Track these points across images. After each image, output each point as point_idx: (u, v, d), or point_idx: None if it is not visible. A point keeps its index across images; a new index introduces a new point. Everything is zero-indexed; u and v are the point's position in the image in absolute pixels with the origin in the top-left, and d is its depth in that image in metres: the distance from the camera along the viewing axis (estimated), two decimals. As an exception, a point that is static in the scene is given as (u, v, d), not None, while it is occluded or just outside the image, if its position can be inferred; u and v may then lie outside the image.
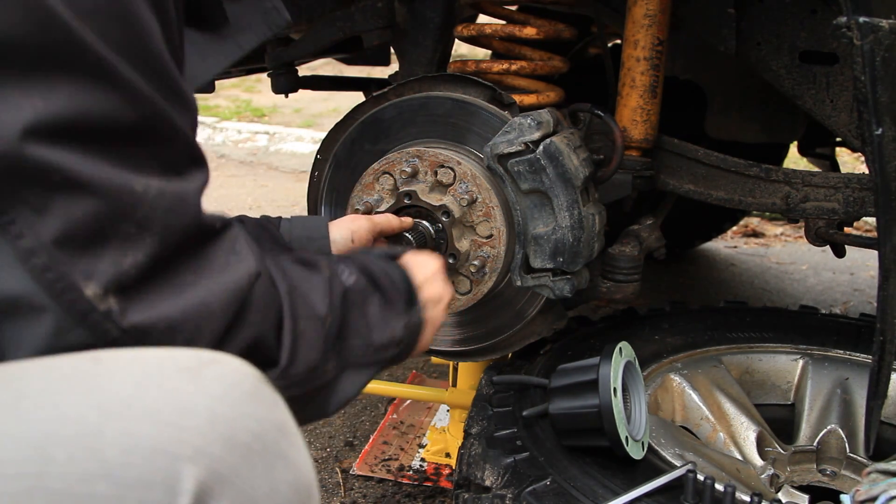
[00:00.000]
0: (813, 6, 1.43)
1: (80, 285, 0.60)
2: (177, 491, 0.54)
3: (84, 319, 0.61)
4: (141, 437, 0.55)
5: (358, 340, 0.84)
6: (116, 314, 0.62)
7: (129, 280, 0.62)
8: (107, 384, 0.58)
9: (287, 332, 0.77)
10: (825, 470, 1.42)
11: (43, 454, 0.53)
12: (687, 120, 2.08)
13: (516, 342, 1.49)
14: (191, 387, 0.59)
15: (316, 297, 0.82)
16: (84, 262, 0.61)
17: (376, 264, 0.95)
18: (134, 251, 0.63)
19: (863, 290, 3.23)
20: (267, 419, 0.62)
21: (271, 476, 0.60)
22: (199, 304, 0.67)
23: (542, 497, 1.10)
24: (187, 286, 0.67)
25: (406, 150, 1.33)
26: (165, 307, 0.65)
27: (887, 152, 1.11)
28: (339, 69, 2.88)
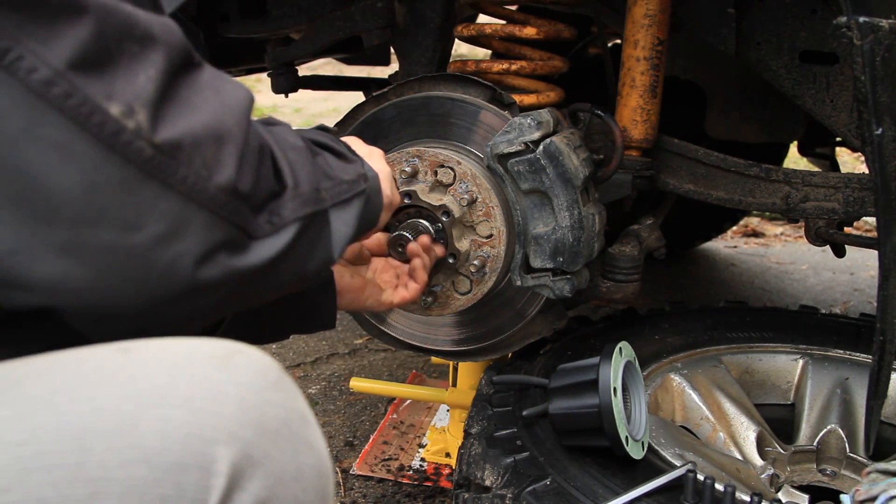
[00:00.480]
0: (813, 6, 1.43)
1: (104, 106, 0.59)
2: (212, 472, 0.57)
3: (116, 142, 0.60)
4: (176, 423, 0.57)
5: (329, 182, 0.85)
6: (146, 131, 0.61)
7: (148, 96, 0.62)
8: (139, 375, 0.59)
9: (281, 160, 0.77)
10: (825, 470, 1.42)
11: (82, 445, 0.55)
12: (687, 120, 2.08)
13: (516, 342, 1.49)
14: (221, 375, 0.61)
15: (289, 136, 0.83)
16: (101, 83, 0.60)
17: (311, 132, 0.96)
18: (145, 68, 0.62)
19: (863, 290, 3.23)
20: (291, 407, 0.65)
21: (297, 459, 0.63)
22: (217, 119, 0.67)
23: (542, 497, 1.10)
24: (199, 104, 0.66)
25: (406, 150, 1.33)
26: (187, 122, 0.64)
27: (887, 152, 1.11)
28: (339, 69, 2.87)
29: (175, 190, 0.63)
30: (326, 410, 2.17)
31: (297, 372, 2.41)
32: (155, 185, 0.62)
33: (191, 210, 0.65)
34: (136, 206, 0.62)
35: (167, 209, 0.63)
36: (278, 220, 0.74)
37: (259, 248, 0.71)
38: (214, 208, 0.66)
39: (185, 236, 0.65)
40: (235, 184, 0.68)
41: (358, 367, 2.46)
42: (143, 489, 0.55)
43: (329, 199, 0.83)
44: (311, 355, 2.51)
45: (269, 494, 0.60)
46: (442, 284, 1.34)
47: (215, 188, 0.66)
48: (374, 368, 2.45)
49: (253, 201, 0.71)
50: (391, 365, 2.47)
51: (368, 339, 2.58)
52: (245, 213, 0.69)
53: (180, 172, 0.63)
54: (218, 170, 0.66)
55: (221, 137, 0.67)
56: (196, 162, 0.64)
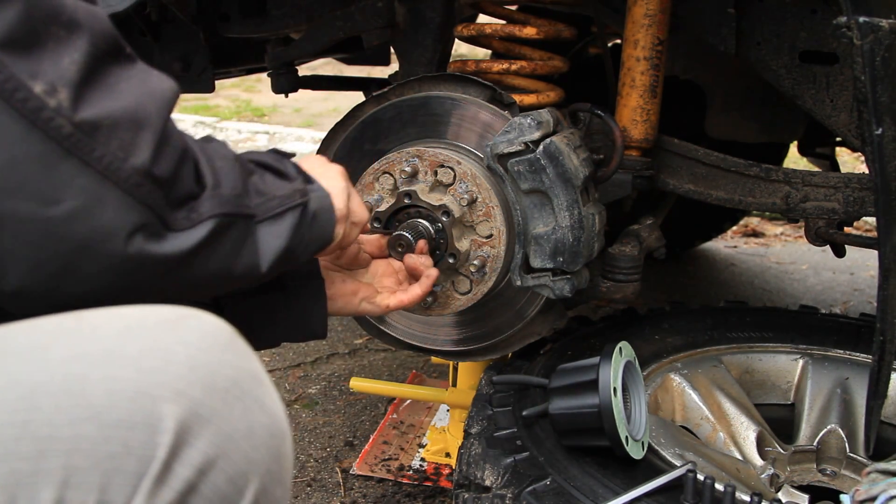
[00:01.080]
0: (813, 6, 1.43)
1: (28, 84, 0.63)
2: (159, 429, 0.58)
3: (37, 118, 0.63)
4: (124, 381, 0.59)
5: (261, 198, 0.86)
6: (66, 109, 0.64)
7: (71, 77, 0.65)
8: (90, 337, 0.61)
9: (204, 165, 0.80)
10: (825, 470, 1.42)
11: (30, 403, 0.56)
12: (687, 120, 2.08)
13: (516, 342, 1.49)
14: (171, 336, 0.63)
15: (221, 149, 0.86)
16: (27, 62, 0.63)
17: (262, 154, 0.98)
18: (69, 51, 0.66)
19: (863, 290, 3.23)
20: (243, 368, 0.66)
21: (248, 418, 0.64)
22: (137, 104, 0.70)
23: (542, 497, 1.10)
24: (123, 90, 0.70)
25: (406, 150, 1.33)
26: (108, 105, 0.68)
27: (887, 152, 1.11)
28: (339, 69, 2.88)
29: (92, 168, 0.66)
30: (326, 410, 2.18)
31: (297, 372, 2.41)
32: (73, 162, 0.65)
33: (106, 188, 0.67)
34: (53, 181, 0.65)
35: (83, 185, 0.66)
36: (195, 216, 0.76)
37: (174, 239, 0.74)
38: (128, 188, 0.69)
39: (100, 213, 0.67)
40: (150, 168, 0.70)
41: (358, 367, 2.46)
42: (91, 446, 0.56)
43: (258, 213, 0.85)
44: (311, 355, 2.51)
45: (217, 452, 0.61)
46: (442, 284, 1.34)
47: (130, 169, 0.68)
48: (374, 368, 2.45)
49: (171, 193, 0.74)
50: (391, 365, 2.47)
51: (368, 339, 2.58)
52: (160, 200, 0.72)
53: (97, 151, 0.66)
54: (134, 152, 0.69)
55: (140, 123, 0.70)
56: (113, 143, 0.67)
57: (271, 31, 1.73)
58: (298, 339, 1.12)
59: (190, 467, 0.59)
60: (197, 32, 1.79)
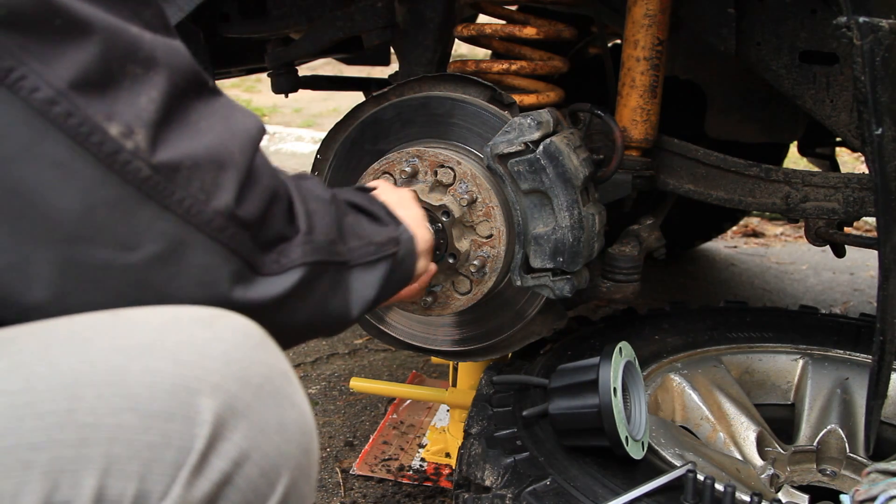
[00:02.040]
0: (813, 6, 1.43)
1: (104, 126, 0.61)
2: (196, 422, 0.59)
3: (114, 161, 0.61)
4: (163, 374, 0.60)
5: (357, 241, 0.85)
6: (144, 151, 0.62)
7: (148, 117, 0.63)
8: (129, 331, 0.62)
9: (299, 206, 0.77)
10: (825, 470, 1.42)
11: (73, 393, 0.57)
12: (687, 120, 2.08)
13: (516, 342, 1.49)
14: (207, 333, 0.64)
15: (317, 188, 0.84)
16: (102, 103, 0.61)
17: (349, 191, 0.97)
18: (147, 90, 0.64)
19: (863, 290, 3.23)
20: (274, 365, 0.67)
21: (280, 414, 0.65)
22: (219, 144, 0.68)
23: (542, 497, 1.10)
24: (204, 129, 0.67)
25: (406, 150, 1.33)
26: (188, 145, 0.65)
27: (887, 152, 1.11)
28: (339, 69, 2.88)
29: (172, 211, 0.64)
30: (326, 410, 2.18)
31: (297, 372, 2.40)
32: (152, 206, 0.63)
33: (188, 232, 0.66)
34: (132, 226, 0.63)
35: (164, 230, 0.64)
36: (286, 261, 0.74)
37: (263, 284, 0.72)
38: (212, 232, 0.67)
39: (182, 258, 0.66)
40: (234, 209, 0.68)
41: (358, 367, 2.46)
42: (131, 436, 0.58)
43: (352, 258, 0.83)
44: (311, 355, 2.51)
45: (251, 445, 0.62)
46: (442, 284, 1.34)
47: (213, 211, 0.66)
48: (374, 368, 2.45)
49: (259, 235, 0.71)
50: (391, 365, 2.47)
51: (368, 339, 2.58)
52: (247, 242, 0.70)
53: (177, 194, 0.64)
54: (216, 194, 0.67)
55: (223, 163, 0.68)
56: (194, 185, 0.65)
57: (271, 31, 1.73)
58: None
59: (226, 459, 0.61)
60: (197, 32, 1.79)
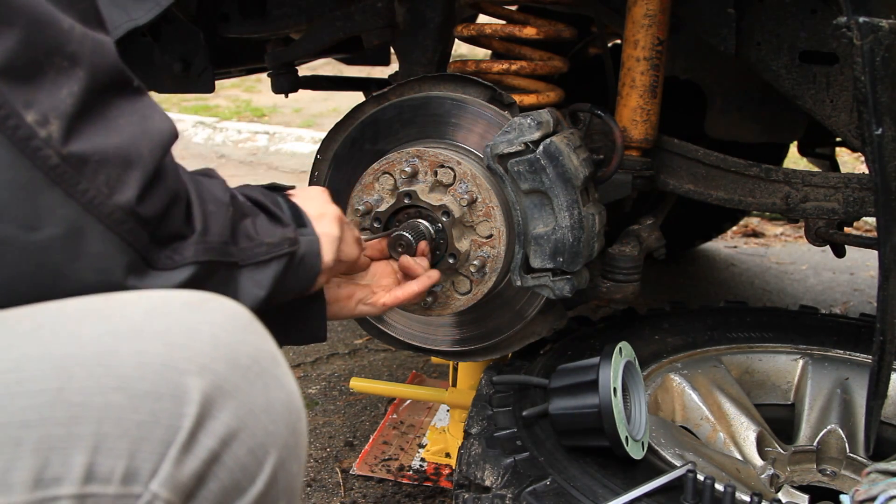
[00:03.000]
0: (813, 6, 1.43)
1: (21, 112, 0.64)
2: (185, 401, 0.61)
3: (26, 146, 0.64)
4: (152, 354, 0.62)
5: (248, 242, 0.87)
6: (56, 141, 0.65)
7: (66, 109, 0.66)
8: (118, 315, 0.65)
9: (196, 206, 0.80)
10: (825, 470, 1.42)
11: (63, 372, 0.59)
12: (687, 120, 2.08)
13: (516, 342, 1.49)
14: (195, 315, 0.66)
15: (216, 190, 0.86)
16: (23, 91, 0.64)
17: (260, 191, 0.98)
18: (69, 83, 0.66)
19: (863, 290, 3.23)
20: (262, 347, 0.69)
21: (267, 394, 0.67)
22: (131, 143, 0.71)
23: (542, 497, 1.10)
24: (120, 126, 0.71)
25: (406, 150, 1.33)
26: (100, 140, 0.68)
27: (887, 152, 1.11)
28: (339, 69, 2.88)
29: (74, 199, 0.67)
30: (326, 410, 2.17)
31: (297, 372, 2.41)
32: (57, 192, 0.66)
33: (88, 221, 0.68)
34: (36, 208, 0.66)
35: (65, 215, 0.67)
36: (178, 258, 0.77)
37: (156, 277, 0.75)
38: (110, 224, 0.70)
39: (80, 244, 0.68)
40: (135, 206, 0.71)
41: (358, 367, 2.46)
42: (120, 414, 0.59)
43: (242, 258, 0.85)
44: (311, 355, 2.51)
45: (239, 424, 0.64)
46: (442, 284, 1.34)
47: (113, 205, 0.69)
48: (374, 368, 2.45)
49: (156, 232, 0.74)
50: (391, 365, 2.47)
51: (368, 339, 2.58)
52: (143, 237, 0.73)
53: (82, 185, 0.67)
54: (119, 189, 0.70)
55: (130, 161, 0.71)
56: (99, 178, 0.68)
57: (271, 31, 1.73)
58: (299, 341, 1.12)
59: (214, 438, 0.62)
60: (197, 32, 1.79)
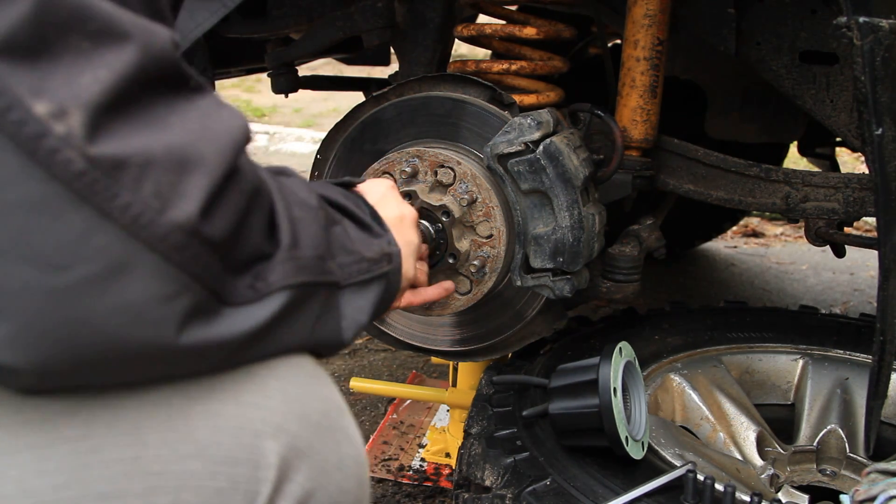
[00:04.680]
0: (813, 6, 1.43)
1: (27, 102, 0.47)
2: (262, 465, 0.58)
3: (37, 149, 0.47)
4: (225, 416, 0.58)
5: (347, 257, 0.72)
6: (78, 138, 0.48)
7: (90, 98, 0.49)
8: None
9: (282, 214, 0.64)
10: (825, 470, 1.42)
11: (136, 439, 0.55)
12: (687, 120, 2.08)
13: (516, 342, 1.49)
14: (262, 370, 0.62)
15: (302, 191, 0.70)
16: (30, 75, 0.47)
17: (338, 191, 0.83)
18: (93, 67, 0.49)
19: (863, 290, 3.23)
20: (330, 399, 0.66)
21: (338, 450, 0.64)
22: (187, 142, 0.53)
23: (542, 497, 1.10)
24: (173, 124, 0.53)
25: (406, 150, 1.33)
26: (142, 139, 0.51)
27: (887, 152, 1.11)
28: (339, 69, 2.87)
29: (114, 220, 0.49)
30: (326, 410, 2.17)
31: (297, 372, 2.40)
32: (86, 211, 0.48)
33: (134, 250, 0.50)
34: (59, 237, 0.48)
35: (102, 245, 0.49)
36: (263, 286, 0.60)
37: (234, 316, 0.58)
38: (167, 251, 0.51)
39: (126, 283, 0.50)
40: (197, 224, 0.53)
41: (358, 367, 2.45)
42: (199, 483, 0.56)
43: (343, 276, 0.71)
44: (311, 355, 2.51)
45: (314, 485, 0.61)
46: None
47: (169, 224, 0.51)
48: (374, 368, 2.45)
49: (231, 255, 0.58)
50: (391, 365, 2.47)
51: (368, 339, 2.58)
52: (214, 267, 0.55)
53: (122, 198, 0.49)
54: (175, 202, 0.52)
55: (187, 164, 0.53)
56: (146, 188, 0.50)
57: (271, 31, 1.73)
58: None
59: (291, 500, 0.60)
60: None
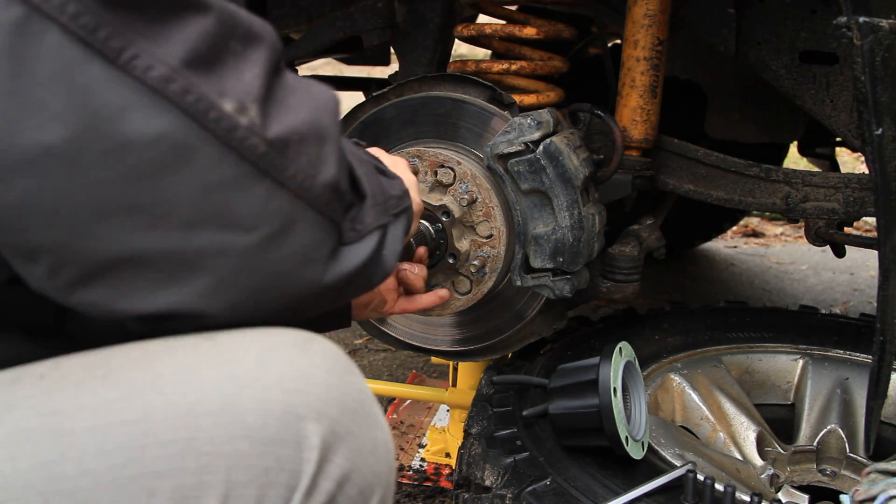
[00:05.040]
0: (813, 6, 1.43)
1: (219, 103, 0.59)
2: (305, 447, 0.62)
3: (232, 138, 0.59)
4: (273, 402, 0.62)
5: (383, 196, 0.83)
6: (259, 126, 0.61)
7: (256, 92, 0.62)
8: (231, 360, 0.64)
9: (358, 170, 0.76)
10: (825, 470, 1.42)
11: (189, 422, 0.60)
12: (687, 120, 2.08)
13: (516, 342, 1.49)
14: (304, 360, 0.66)
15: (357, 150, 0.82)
16: (213, 80, 0.59)
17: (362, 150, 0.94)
18: (249, 66, 0.62)
19: (863, 290, 3.23)
20: (362, 389, 0.70)
21: (372, 435, 0.68)
22: (316, 117, 0.67)
23: (542, 497, 1.10)
24: (296, 104, 0.66)
25: (406, 150, 1.33)
26: (291, 119, 0.64)
27: (887, 152, 1.11)
28: (339, 69, 2.87)
29: (286, 188, 0.63)
30: (326, 410, 2.17)
31: (297, 372, 2.41)
32: (267, 183, 0.62)
33: (299, 208, 0.65)
34: (249, 206, 0.62)
35: (279, 207, 0.63)
36: (362, 227, 0.74)
37: (348, 254, 0.72)
38: (321, 206, 0.66)
39: (294, 237, 0.65)
40: (337, 182, 0.68)
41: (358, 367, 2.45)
42: (248, 462, 0.60)
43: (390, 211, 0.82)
44: (311, 355, 2.51)
45: (351, 466, 0.65)
46: (442, 284, 1.34)
47: (322, 185, 0.66)
48: (374, 368, 2.45)
49: (343, 203, 0.71)
50: (391, 365, 2.47)
51: (368, 339, 2.58)
52: (340, 214, 0.70)
53: (290, 169, 0.63)
54: (322, 168, 0.66)
55: (322, 135, 0.67)
56: (302, 159, 0.64)
57: (271, 31, 1.73)
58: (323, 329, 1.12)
59: (331, 481, 0.64)
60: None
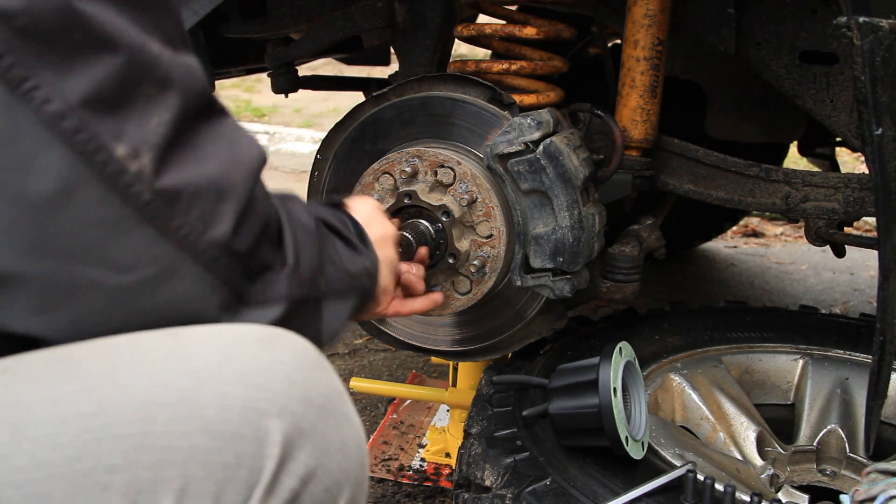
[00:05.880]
0: (813, 6, 1.43)
1: (111, 146, 0.59)
2: (266, 443, 0.61)
3: (116, 182, 0.60)
4: (232, 396, 0.61)
5: (333, 269, 0.84)
6: (147, 175, 0.61)
7: (156, 140, 0.61)
8: (193, 355, 0.63)
9: (288, 235, 0.77)
10: (825, 470, 1.42)
11: (146, 415, 0.59)
12: (687, 120, 2.08)
13: (516, 342, 1.49)
14: (269, 355, 0.65)
15: (303, 215, 0.83)
16: (112, 122, 0.59)
17: (329, 212, 0.96)
18: (158, 112, 0.62)
19: (863, 290, 3.23)
20: (331, 385, 0.69)
21: (340, 432, 0.67)
22: (223, 172, 0.67)
23: (542, 497, 1.10)
24: (209, 154, 0.66)
25: (406, 150, 1.33)
26: (191, 171, 0.64)
27: (887, 152, 1.11)
28: (339, 69, 2.87)
29: (168, 238, 0.63)
30: (326, 410, 2.17)
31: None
32: (149, 231, 0.62)
33: (181, 260, 0.65)
34: (126, 248, 0.62)
35: (158, 255, 0.64)
36: (271, 293, 0.74)
37: (247, 314, 0.72)
38: (205, 262, 0.66)
39: (172, 285, 0.65)
40: (230, 241, 0.68)
41: (358, 367, 2.45)
42: (205, 457, 0.59)
43: (328, 287, 0.83)
44: (311, 355, 2.51)
45: (316, 464, 0.64)
46: (442, 284, 1.34)
47: (208, 241, 0.66)
48: (374, 368, 2.45)
49: (249, 265, 0.71)
50: (391, 365, 2.47)
51: (368, 339, 2.58)
52: (237, 274, 0.70)
53: (176, 221, 0.63)
54: (213, 224, 0.66)
55: (223, 192, 0.67)
56: (193, 213, 0.64)
57: (271, 31, 1.73)
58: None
59: (294, 478, 0.63)
60: (197, 32, 1.79)
